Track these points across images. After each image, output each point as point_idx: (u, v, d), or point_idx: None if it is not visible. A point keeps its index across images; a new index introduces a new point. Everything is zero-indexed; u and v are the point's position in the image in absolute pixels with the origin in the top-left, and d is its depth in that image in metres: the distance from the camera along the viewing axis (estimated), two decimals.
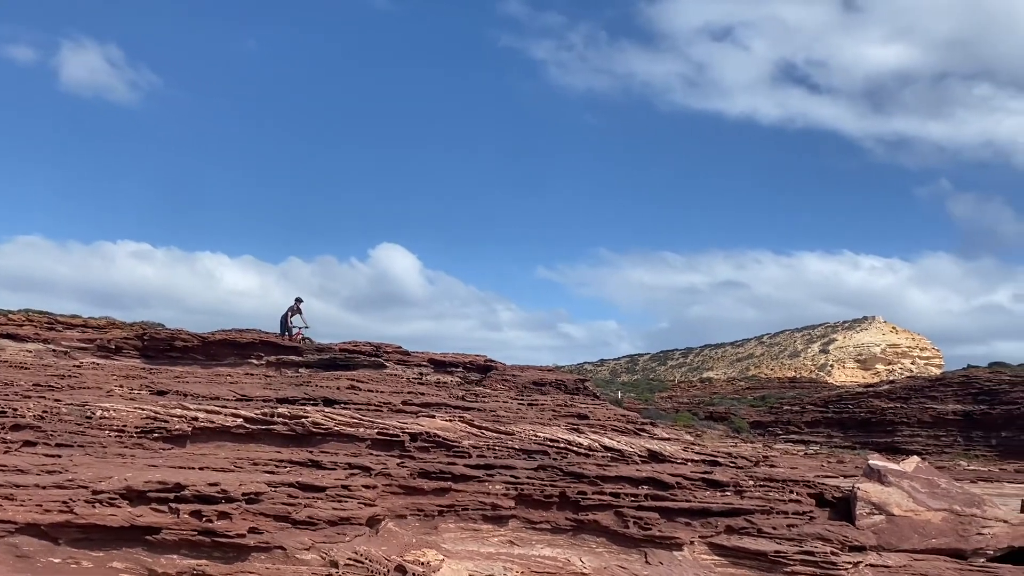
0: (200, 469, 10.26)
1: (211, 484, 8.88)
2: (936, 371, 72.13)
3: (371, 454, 10.97)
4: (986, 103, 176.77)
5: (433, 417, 13.29)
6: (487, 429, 12.52)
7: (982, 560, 10.60)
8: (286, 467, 10.53)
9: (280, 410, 12.15)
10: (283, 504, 8.96)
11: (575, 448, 11.91)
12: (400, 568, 7.60)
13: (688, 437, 19.10)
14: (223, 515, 8.68)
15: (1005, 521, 11.26)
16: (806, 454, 40.73)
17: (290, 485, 9.31)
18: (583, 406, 18.84)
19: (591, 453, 11.91)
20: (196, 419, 11.49)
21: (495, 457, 11.30)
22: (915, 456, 15.03)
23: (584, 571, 8.72)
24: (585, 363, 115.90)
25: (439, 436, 11.54)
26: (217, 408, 12.10)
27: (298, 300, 21.92)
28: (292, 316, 21.24)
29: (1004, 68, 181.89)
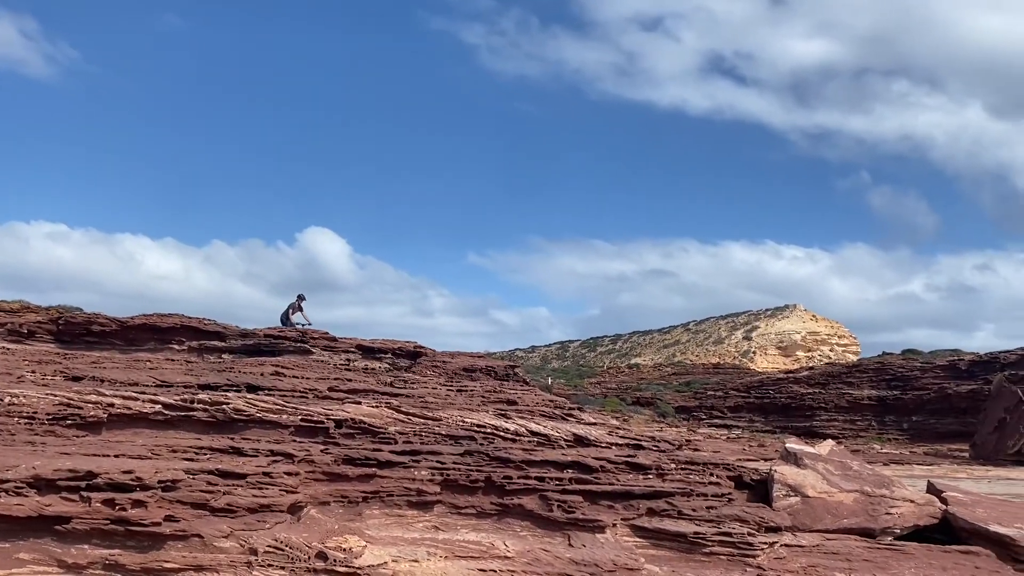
0: (115, 457, 9.95)
1: (125, 472, 8.62)
2: (853, 358, 74.86)
3: (294, 441, 10.81)
4: (903, 99, 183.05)
5: (359, 403, 13.17)
6: (414, 415, 12.47)
7: (890, 538, 11.03)
8: (206, 454, 10.30)
9: (201, 396, 11.86)
10: (201, 492, 8.76)
11: (502, 433, 11.96)
12: (321, 554, 7.52)
13: (614, 422, 19.40)
14: (137, 503, 8.44)
15: (912, 501, 11.73)
16: (728, 438, 41.84)
17: (209, 472, 9.10)
18: (512, 392, 18.92)
19: (517, 438, 11.97)
20: (112, 405, 11.14)
21: (421, 443, 11.26)
22: (830, 440, 15.57)
23: (507, 555, 8.77)
24: (516, 349, 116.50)
25: (365, 422, 11.44)
26: (135, 394, 11.75)
27: (300, 297, 21.55)
28: (294, 313, 20.93)
29: (920, 65, 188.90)
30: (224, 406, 11.35)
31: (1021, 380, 39.39)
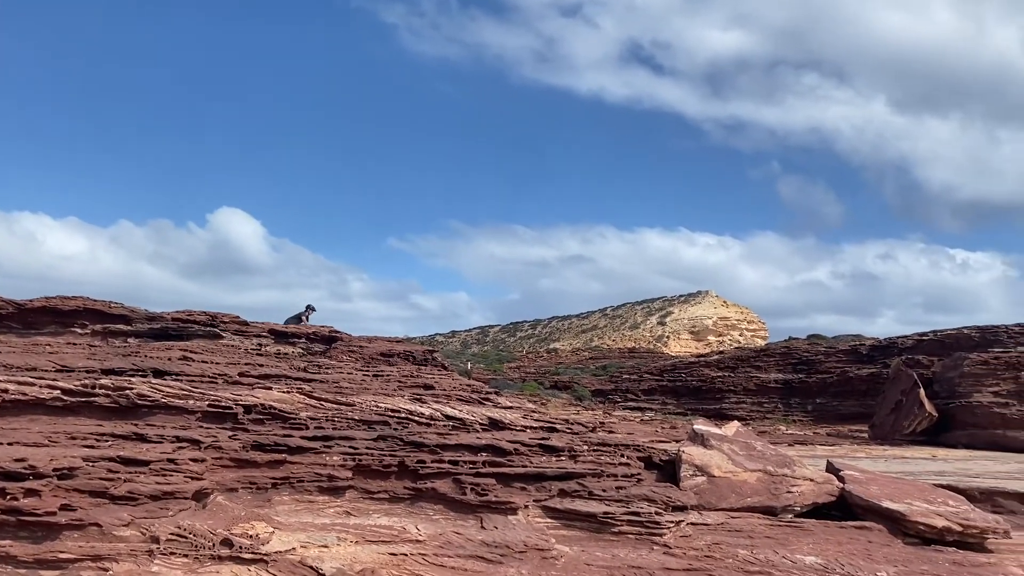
0: (8, 445, 9.51)
1: (17, 460, 8.24)
2: (761, 342, 77.38)
3: (201, 427, 10.54)
4: (813, 92, 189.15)
5: (270, 389, 12.94)
6: (327, 400, 12.32)
7: (790, 516, 11.46)
8: (107, 441, 9.94)
9: (103, 381, 11.44)
10: (101, 480, 8.46)
11: (417, 418, 11.93)
12: (226, 541, 7.37)
13: (530, 405, 19.57)
14: (31, 492, 8.09)
15: (811, 480, 12.22)
16: (642, 420, 42.76)
17: (110, 460, 8.79)
18: (429, 377, 18.90)
19: (432, 422, 11.96)
20: (6, 391, 10.63)
21: (334, 428, 11.13)
22: (736, 421, 16.08)
23: (419, 538, 8.77)
24: (437, 334, 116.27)
25: (275, 408, 11.24)
26: (32, 380, 11.24)
27: (309, 308, 21.00)
28: (301, 324, 20.47)
29: (829, 59, 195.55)
30: (128, 391, 10.98)
31: (917, 364, 41.42)
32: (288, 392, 12.79)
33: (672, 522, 10.24)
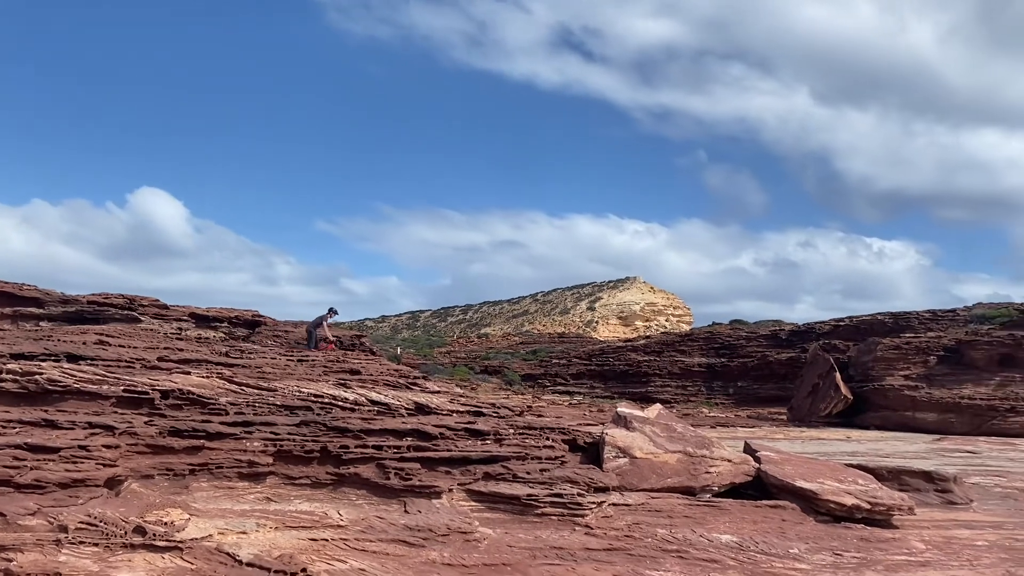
0: None
1: None
2: (686, 328, 78.93)
3: (116, 412, 10.22)
4: (739, 82, 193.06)
5: (189, 374, 12.63)
6: (248, 386, 12.09)
7: (708, 495, 11.77)
8: (15, 427, 9.54)
9: (10, 366, 10.98)
10: (5, 467, 8.12)
11: (340, 403, 11.80)
12: (139, 529, 7.18)
13: (458, 390, 19.56)
14: None
15: (729, 461, 12.56)
16: (571, 404, 43.22)
17: (16, 447, 8.45)
18: (356, 362, 18.71)
19: (357, 407, 11.85)
20: None
21: (255, 414, 10.93)
22: (659, 404, 16.39)
23: (341, 523, 8.71)
24: (366, 319, 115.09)
25: (194, 393, 10.97)
26: None
27: (332, 310, 20.42)
28: (318, 327, 19.94)
29: (754, 50, 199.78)
30: (37, 376, 10.57)
31: (834, 349, 42.90)
32: (208, 377, 12.51)
33: (594, 503, 10.39)
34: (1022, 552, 10.22)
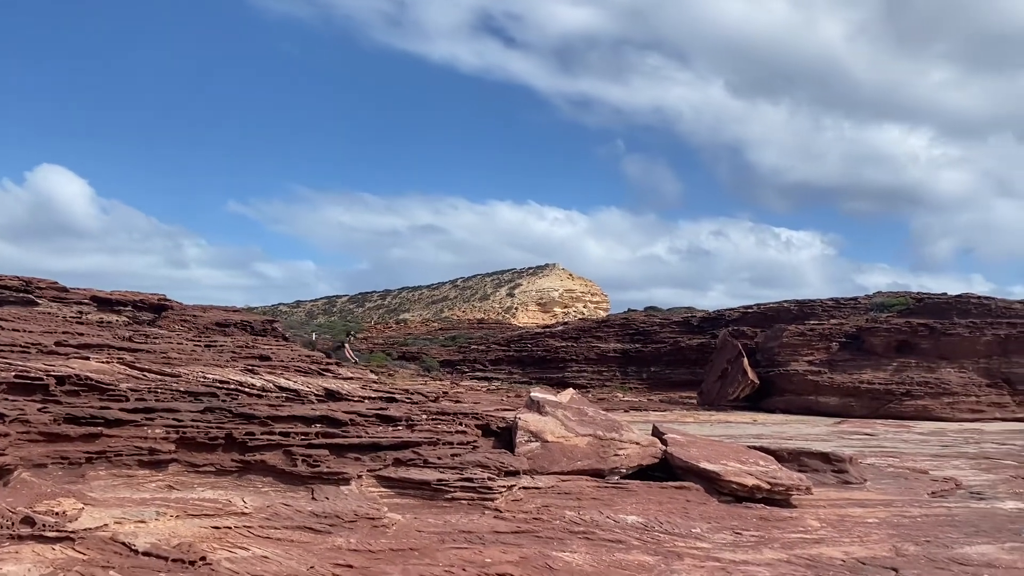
0: None
1: None
2: (603, 314, 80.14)
3: (6, 399, 9.75)
4: (657, 73, 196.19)
5: (88, 359, 12.17)
6: (151, 371, 11.73)
7: (616, 477, 12.02)
8: None
9: None
10: None
11: (247, 389, 11.57)
12: (28, 520, 6.89)
13: (372, 376, 19.43)
14: None
15: (638, 443, 12.83)
16: (489, 389, 43.41)
17: None
18: (267, 347, 18.37)
19: (264, 393, 11.64)
20: None
21: (157, 400, 10.61)
22: (571, 389, 16.65)
23: (245, 511, 8.55)
24: (281, 304, 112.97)
25: (92, 379, 10.57)
26: None
27: (350, 335, 19.85)
28: (336, 351, 19.19)
29: (671, 41, 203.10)
30: None
31: (742, 335, 44.24)
32: (108, 362, 12.08)
33: (504, 487, 10.48)
34: (909, 528, 10.77)
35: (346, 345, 21.28)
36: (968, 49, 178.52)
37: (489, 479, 10.44)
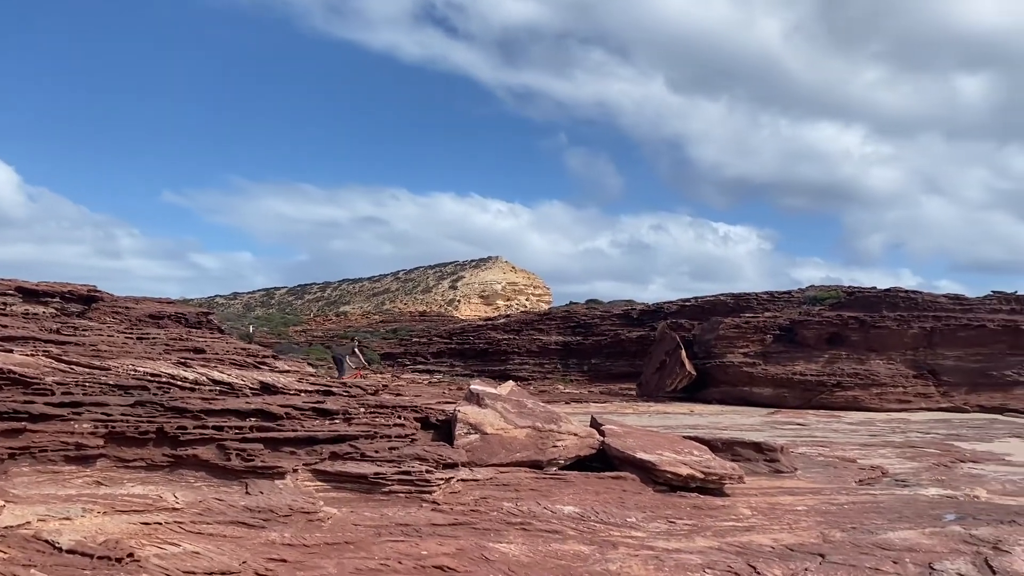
0: None
1: None
2: (546, 307, 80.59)
3: None
4: (599, 67, 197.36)
5: (11, 352, 11.75)
6: (78, 364, 11.38)
7: (555, 468, 12.12)
8: None
9: None
10: None
11: (180, 382, 11.32)
12: None
13: (309, 369, 19.20)
14: None
15: (576, 434, 12.96)
16: (430, 382, 43.33)
17: None
18: (201, 340, 17.97)
19: (197, 387, 11.41)
20: None
21: (85, 394, 10.30)
22: (511, 381, 16.73)
23: (176, 506, 8.38)
24: (217, 296, 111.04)
25: (15, 372, 10.21)
26: None
27: (359, 344, 19.30)
28: (349, 357, 18.56)
29: (614, 35, 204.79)
30: None
31: (680, 327, 44.96)
32: (33, 355, 11.69)
33: (442, 479, 10.47)
34: (836, 515, 11.09)
35: (356, 352, 21.13)
36: (899, 50, 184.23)
37: (427, 472, 10.42)
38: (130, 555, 6.75)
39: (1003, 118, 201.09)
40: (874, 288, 44.01)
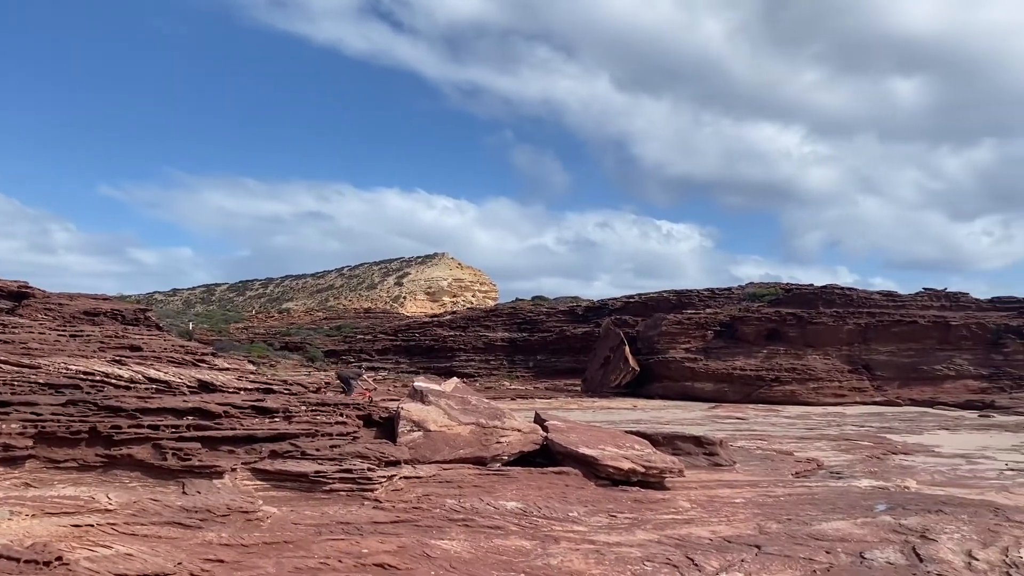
0: None
1: None
2: (492, 303, 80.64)
3: None
4: (545, 65, 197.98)
5: None
6: (7, 363, 11.02)
7: (498, 464, 12.15)
8: None
9: None
10: None
11: (114, 381, 11.05)
12: None
13: (250, 367, 18.90)
14: None
15: (519, 430, 13.01)
16: (375, 380, 42.93)
17: None
18: (138, 337, 17.54)
19: (133, 385, 11.15)
20: None
21: (13, 393, 9.98)
22: (455, 377, 16.70)
23: (109, 507, 8.17)
24: (156, 292, 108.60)
25: None
26: None
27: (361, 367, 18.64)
28: (359, 380, 17.89)
29: (559, 34, 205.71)
30: None
31: (624, 324, 45.43)
32: None
33: (385, 477, 10.41)
34: (772, 507, 11.35)
35: (365, 378, 20.87)
36: (838, 52, 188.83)
37: (369, 470, 10.35)
38: (59, 558, 6.56)
39: (935, 120, 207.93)
40: (811, 285, 45.12)
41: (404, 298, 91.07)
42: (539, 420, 14.15)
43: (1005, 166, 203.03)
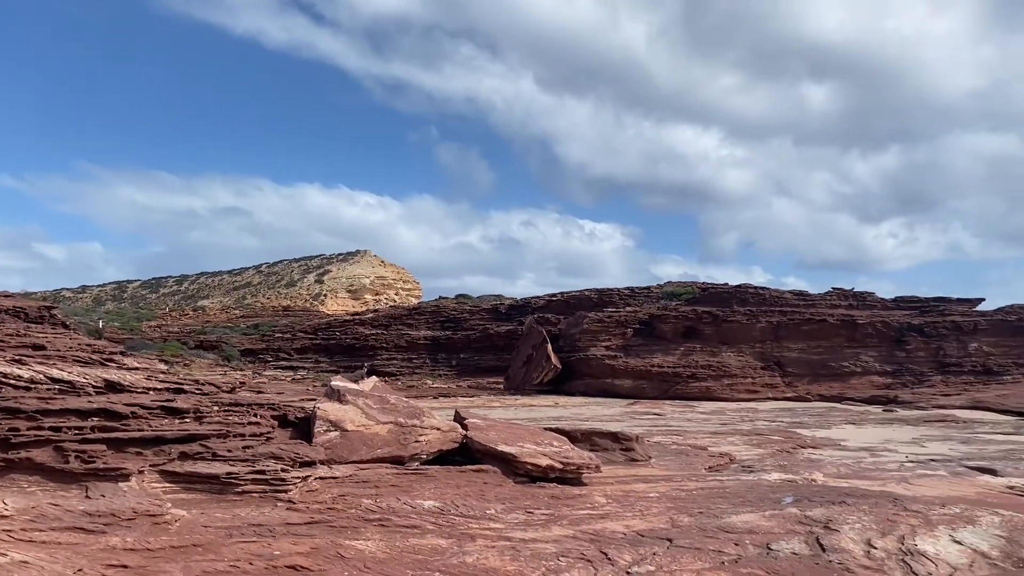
0: None
1: None
2: (416, 301, 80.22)
3: None
4: (469, 62, 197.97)
5: None
6: None
7: (417, 464, 12.09)
8: None
9: None
10: None
11: (12, 381, 10.56)
12: None
13: (162, 366, 18.33)
14: None
15: (439, 429, 12.97)
16: (294, 379, 42.25)
17: None
18: (41, 336, 16.83)
19: (33, 385, 10.68)
20: None
21: None
22: (374, 376, 16.58)
23: (5, 513, 7.83)
24: (64, 289, 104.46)
25: None
26: None
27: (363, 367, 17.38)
28: (360, 382, 16.80)
29: (483, 31, 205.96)
30: None
31: (547, 322, 45.79)
32: None
33: (299, 478, 10.25)
34: (685, 501, 11.61)
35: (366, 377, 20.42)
36: (754, 57, 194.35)
37: (283, 471, 10.17)
38: None
39: (845, 126, 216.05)
40: (726, 284, 46.34)
41: (325, 296, 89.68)
42: (459, 418, 14.13)
43: (910, 171, 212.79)
